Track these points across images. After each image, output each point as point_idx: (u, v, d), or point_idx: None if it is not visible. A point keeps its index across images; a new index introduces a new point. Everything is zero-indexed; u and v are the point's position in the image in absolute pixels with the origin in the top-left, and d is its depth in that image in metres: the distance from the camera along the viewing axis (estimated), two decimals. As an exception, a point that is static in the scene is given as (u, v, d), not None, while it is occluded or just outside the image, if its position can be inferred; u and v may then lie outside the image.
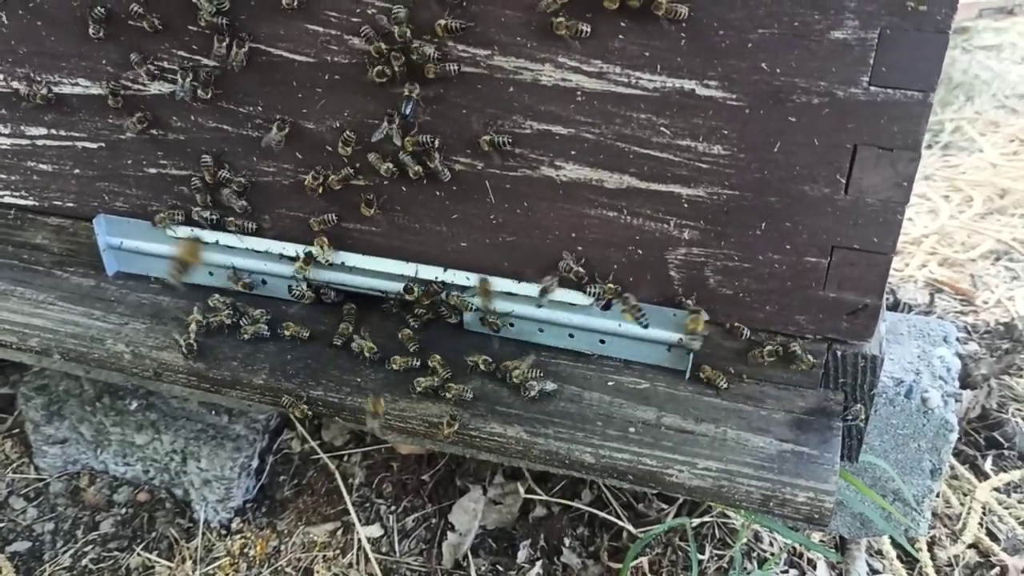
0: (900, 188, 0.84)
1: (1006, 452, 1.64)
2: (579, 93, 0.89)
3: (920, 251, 2.16)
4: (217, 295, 1.12)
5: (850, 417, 0.96)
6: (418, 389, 0.99)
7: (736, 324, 0.96)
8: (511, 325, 1.05)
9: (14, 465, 1.63)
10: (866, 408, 0.98)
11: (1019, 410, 1.70)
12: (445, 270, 1.04)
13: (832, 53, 0.80)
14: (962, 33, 3.14)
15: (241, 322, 1.09)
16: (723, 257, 0.94)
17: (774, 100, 0.84)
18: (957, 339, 1.73)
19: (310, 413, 1.01)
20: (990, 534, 1.51)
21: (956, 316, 1.93)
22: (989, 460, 1.63)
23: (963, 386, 1.70)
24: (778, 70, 0.82)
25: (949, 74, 2.90)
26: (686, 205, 0.92)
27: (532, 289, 1.02)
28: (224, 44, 0.94)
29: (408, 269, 1.04)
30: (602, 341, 1.03)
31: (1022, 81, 2.86)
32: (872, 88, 0.80)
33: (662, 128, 0.88)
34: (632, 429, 0.95)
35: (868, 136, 0.82)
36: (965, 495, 1.56)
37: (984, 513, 1.53)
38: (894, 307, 1.82)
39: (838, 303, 0.93)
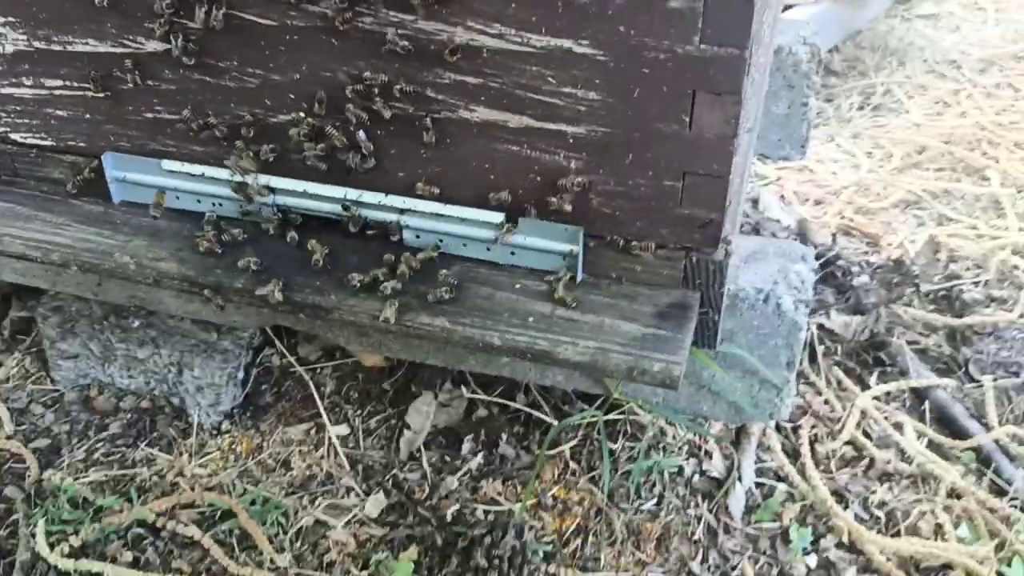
0: (729, 125, 1.08)
1: (889, 369, 1.88)
2: (484, 50, 1.13)
3: (839, 201, 2.40)
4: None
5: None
6: (354, 284, 1.24)
7: (614, 237, 1.22)
8: (440, 241, 1.30)
9: (33, 378, 1.85)
10: (718, 307, 1.23)
11: (903, 333, 1.94)
12: (386, 195, 1.28)
13: (671, 19, 1.04)
14: (904, 3, 3.35)
15: (223, 238, 1.34)
16: (602, 182, 1.18)
17: (631, 56, 1.08)
18: (852, 271, 1.98)
19: (280, 298, 1.24)
20: (866, 434, 1.74)
21: (862, 255, 2.17)
22: (874, 376, 1.87)
23: (854, 312, 1.95)
24: (632, 32, 1.06)
25: (886, 41, 3.12)
26: (571, 140, 1.17)
27: (457, 211, 1.27)
28: (203, 10, 1.18)
29: (354, 195, 1.29)
30: (512, 253, 1.28)
31: (953, 48, 3.08)
32: (702, 46, 1.04)
33: (549, 78, 1.12)
34: (531, 319, 1.20)
35: (702, 84, 1.06)
36: (849, 403, 1.80)
37: (862, 417, 1.78)
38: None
39: (691, 218, 1.17)
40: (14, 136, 1.41)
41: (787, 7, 2.78)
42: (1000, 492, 1.61)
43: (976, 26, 3.27)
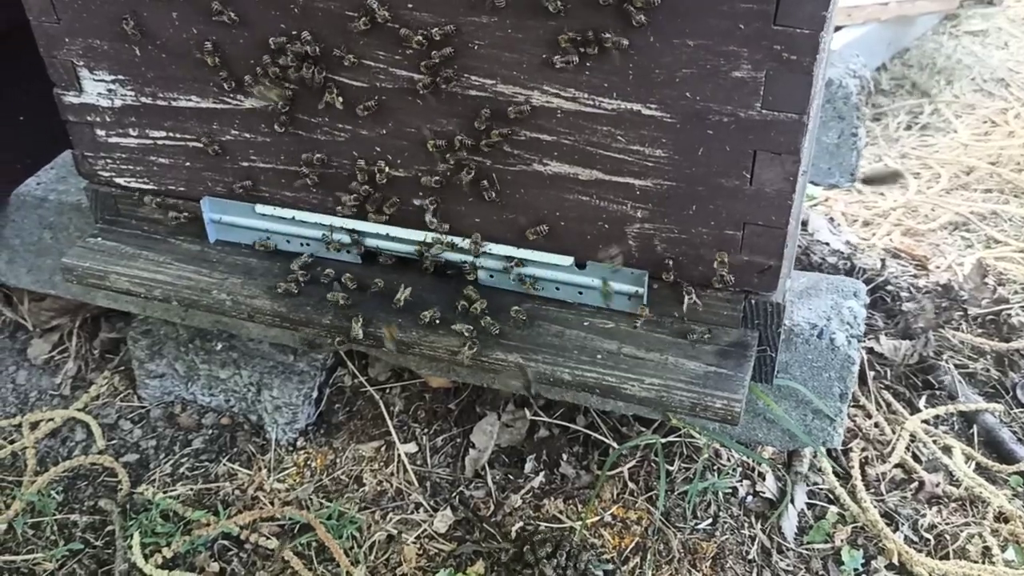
0: (788, 181, 1.16)
1: (937, 392, 1.92)
2: (559, 111, 1.22)
3: (887, 223, 2.44)
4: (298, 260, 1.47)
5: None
6: (425, 320, 1.33)
7: (677, 280, 1.30)
8: (512, 280, 1.40)
9: (121, 395, 1.96)
10: (775, 345, 1.31)
11: (951, 357, 1.99)
12: (463, 239, 1.38)
13: (735, 86, 1.12)
14: (952, 19, 3.36)
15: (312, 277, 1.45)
16: (666, 231, 1.27)
17: (697, 118, 1.16)
18: (901, 296, 2.03)
19: (361, 334, 1.34)
20: (915, 457, 1.79)
21: (910, 278, 2.22)
22: (923, 399, 1.92)
23: (903, 337, 2.00)
24: (698, 97, 1.14)
25: (934, 59, 3.14)
26: (638, 192, 1.25)
27: (527, 254, 1.36)
28: (307, 72, 1.28)
29: (432, 237, 1.39)
30: (580, 292, 1.37)
31: (1002, 65, 3.09)
32: (763, 111, 1.12)
33: (619, 137, 1.21)
34: (599, 356, 1.29)
35: (763, 144, 1.14)
36: (899, 426, 1.85)
37: (912, 440, 1.83)
38: (849, 271, 2.12)
39: (750, 264, 1.25)
40: (118, 180, 1.53)
41: (836, 28, 2.83)
42: (1047, 516, 1.65)
43: (1025, 42, 3.28)
